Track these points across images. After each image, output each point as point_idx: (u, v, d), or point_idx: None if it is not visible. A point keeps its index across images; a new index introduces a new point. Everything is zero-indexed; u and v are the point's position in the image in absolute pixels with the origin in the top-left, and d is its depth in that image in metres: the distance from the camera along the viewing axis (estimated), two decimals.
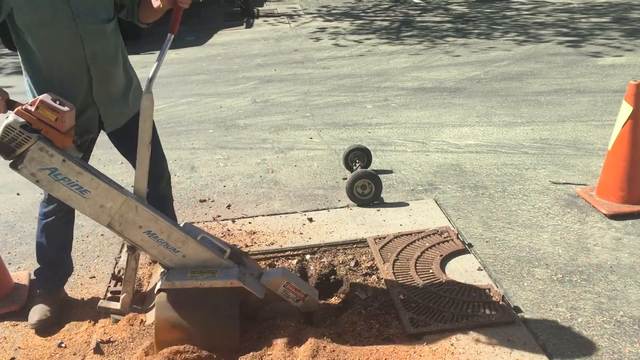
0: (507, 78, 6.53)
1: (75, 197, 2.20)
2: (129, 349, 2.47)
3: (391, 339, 2.47)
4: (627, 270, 2.91)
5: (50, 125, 2.12)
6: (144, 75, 2.42)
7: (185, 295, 2.28)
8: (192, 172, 4.48)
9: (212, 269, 2.33)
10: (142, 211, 2.25)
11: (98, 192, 2.20)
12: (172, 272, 2.31)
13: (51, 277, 2.81)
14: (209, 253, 2.33)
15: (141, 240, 2.28)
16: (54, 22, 2.25)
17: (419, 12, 11.15)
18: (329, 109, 5.82)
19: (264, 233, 3.45)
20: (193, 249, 2.31)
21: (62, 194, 2.19)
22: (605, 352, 2.38)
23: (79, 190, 2.18)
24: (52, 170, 2.14)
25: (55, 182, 2.16)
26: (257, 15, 11.89)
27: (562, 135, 4.77)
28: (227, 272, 2.32)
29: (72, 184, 2.17)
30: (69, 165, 2.15)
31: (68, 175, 2.16)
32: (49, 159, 2.12)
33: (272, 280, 2.42)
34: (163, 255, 2.31)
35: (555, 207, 3.59)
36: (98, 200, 2.21)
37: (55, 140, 2.14)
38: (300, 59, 8.07)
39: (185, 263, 2.32)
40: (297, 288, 2.44)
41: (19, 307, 2.86)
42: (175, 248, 2.29)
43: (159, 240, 2.28)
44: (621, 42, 7.83)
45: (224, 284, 2.28)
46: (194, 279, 2.28)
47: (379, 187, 3.73)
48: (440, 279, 2.86)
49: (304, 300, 2.47)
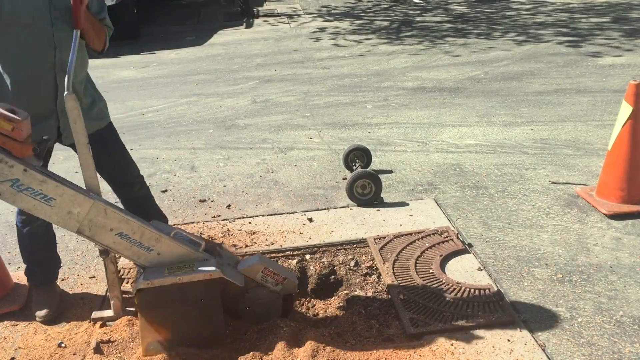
0: (507, 78, 6.53)
1: (40, 207, 2.12)
2: (129, 349, 2.47)
3: (391, 339, 2.47)
4: (627, 270, 2.91)
5: (6, 135, 2.03)
6: (143, 75, 2.42)
7: (165, 292, 2.27)
8: (192, 172, 4.48)
9: (189, 263, 2.31)
10: (111, 213, 2.20)
11: (64, 199, 2.13)
12: (149, 271, 2.29)
13: (43, 272, 2.86)
14: (183, 248, 2.31)
15: (113, 243, 2.24)
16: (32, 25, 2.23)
17: (418, 12, 11.15)
18: (328, 109, 5.82)
19: (264, 233, 3.45)
20: (167, 245, 2.28)
21: (27, 204, 2.12)
22: (605, 352, 2.38)
23: (43, 198, 2.11)
24: (14, 182, 2.06)
25: (18, 193, 2.08)
26: (257, 15, 11.88)
27: (562, 135, 4.77)
28: (205, 264, 2.31)
29: (36, 193, 2.10)
30: (31, 175, 2.07)
31: (31, 184, 2.08)
32: (9, 170, 2.05)
33: (250, 267, 2.42)
34: (137, 255, 2.28)
35: (555, 207, 3.59)
36: (65, 207, 2.14)
37: (14, 150, 2.06)
38: (300, 59, 8.07)
39: (161, 260, 2.30)
40: (275, 272, 2.45)
41: (19, 307, 2.86)
42: (149, 247, 2.26)
43: (131, 241, 2.24)
44: (621, 42, 7.83)
45: (203, 276, 2.27)
46: (172, 274, 2.26)
47: (379, 187, 3.73)
48: (440, 279, 2.86)
49: (283, 284, 2.48)
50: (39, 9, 2.23)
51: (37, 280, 2.86)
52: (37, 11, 2.23)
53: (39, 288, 2.86)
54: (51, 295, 2.85)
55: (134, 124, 5.67)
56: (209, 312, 2.35)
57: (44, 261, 2.85)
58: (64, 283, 3.08)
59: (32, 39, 2.25)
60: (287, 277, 2.49)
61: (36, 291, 2.86)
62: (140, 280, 2.27)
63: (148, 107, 6.24)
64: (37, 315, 2.76)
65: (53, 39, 2.28)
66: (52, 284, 2.89)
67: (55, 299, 2.84)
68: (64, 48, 2.30)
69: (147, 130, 5.50)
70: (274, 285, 2.47)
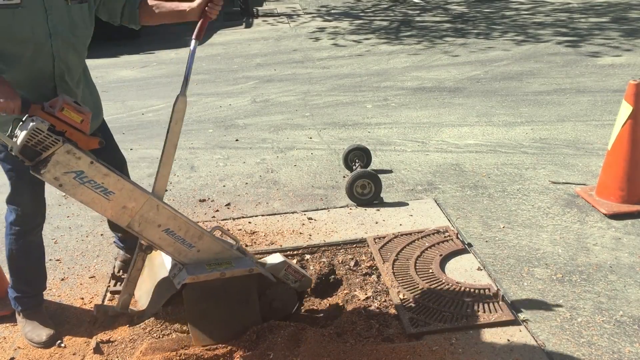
0: (507, 78, 6.54)
1: (98, 200, 2.14)
2: (128, 349, 2.47)
3: (391, 338, 2.47)
4: (627, 270, 2.91)
5: (74, 127, 2.05)
6: (143, 75, 2.42)
7: (208, 287, 2.33)
8: (191, 171, 4.47)
9: (226, 259, 2.38)
10: (162, 209, 2.24)
11: (122, 193, 2.16)
12: (191, 267, 2.34)
13: (33, 295, 2.71)
14: (222, 245, 2.38)
15: (159, 239, 2.28)
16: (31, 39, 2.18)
17: (418, 12, 11.15)
18: (328, 109, 5.81)
19: (263, 233, 3.45)
20: (208, 242, 2.34)
21: (86, 197, 2.13)
22: (605, 352, 2.38)
23: (103, 192, 2.13)
24: (78, 174, 2.07)
25: (80, 185, 2.09)
26: (256, 15, 11.88)
27: (562, 135, 4.77)
28: (241, 261, 2.39)
29: (98, 186, 2.11)
30: (96, 168, 2.09)
31: (94, 177, 2.10)
32: (76, 161, 2.05)
33: (275, 265, 2.54)
34: (179, 251, 2.32)
35: (555, 206, 3.59)
36: (121, 201, 2.17)
37: (80, 142, 2.07)
38: (300, 58, 8.07)
39: (200, 257, 2.35)
40: (295, 270, 2.59)
41: (10, 312, 2.78)
42: (191, 244, 2.32)
43: (176, 237, 2.29)
44: (620, 42, 7.83)
45: (244, 272, 2.36)
46: (215, 270, 2.33)
47: (379, 186, 3.73)
48: (440, 278, 2.86)
49: (301, 281, 2.60)
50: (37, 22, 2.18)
51: (27, 303, 2.69)
52: (36, 25, 2.18)
53: (28, 313, 2.69)
54: (43, 316, 2.70)
55: (134, 124, 5.67)
56: (248, 304, 2.45)
57: (34, 280, 2.70)
58: (64, 283, 3.08)
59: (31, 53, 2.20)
60: (305, 274, 2.62)
61: (25, 317, 2.69)
62: (184, 275, 2.30)
63: (148, 107, 6.24)
64: (38, 342, 2.59)
65: (52, 50, 2.23)
66: (42, 305, 2.75)
67: (48, 319, 2.70)
68: (62, 58, 2.27)
69: (146, 130, 5.50)
70: (293, 282, 2.58)
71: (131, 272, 2.42)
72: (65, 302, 2.92)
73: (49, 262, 3.25)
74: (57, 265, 3.25)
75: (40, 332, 2.62)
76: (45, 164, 2.03)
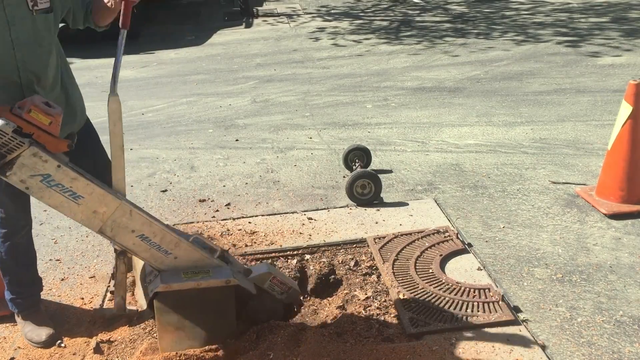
0: (507, 78, 6.54)
1: (67, 204, 2.09)
2: (128, 349, 2.47)
3: (391, 338, 2.47)
4: (627, 270, 2.91)
5: (43, 129, 1.99)
6: (143, 75, 2.41)
7: (182, 296, 2.27)
8: (191, 171, 4.47)
9: (204, 268, 2.32)
10: (136, 215, 2.18)
11: (92, 198, 2.10)
12: (166, 274, 2.27)
13: (29, 295, 2.69)
14: (199, 253, 2.31)
15: (133, 245, 2.22)
16: None
17: (418, 12, 11.15)
18: (328, 109, 5.81)
19: (263, 233, 3.45)
20: (185, 250, 2.28)
21: (54, 200, 2.08)
22: (605, 352, 2.38)
23: (72, 196, 2.07)
24: (45, 177, 2.02)
25: (47, 189, 2.04)
26: (256, 15, 11.88)
27: (562, 135, 4.77)
28: (220, 271, 2.32)
29: (66, 190, 2.06)
30: (64, 171, 2.04)
31: (62, 181, 2.04)
32: (43, 165, 2.00)
33: (259, 275, 2.45)
34: (154, 258, 2.26)
35: (555, 206, 3.59)
36: (91, 205, 2.11)
37: (48, 145, 2.01)
38: (300, 58, 8.07)
39: (177, 265, 2.29)
40: (282, 281, 2.49)
41: (10, 312, 2.76)
42: (167, 250, 2.25)
43: (151, 244, 2.23)
44: (620, 42, 7.83)
45: (220, 282, 2.28)
46: (190, 279, 2.26)
47: (379, 186, 3.73)
48: (440, 278, 2.86)
49: (288, 293, 2.52)
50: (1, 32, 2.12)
51: (23, 305, 2.67)
52: None
53: (26, 313, 2.67)
54: (42, 315, 2.69)
55: (134, 124, 5.67)
56: (223, 316, 2.38)
57: (26, 283, 2.66)
58: (64, 283, 3.08)
59: None
60: (292, 286, 2.54)
61: (24, 317, 2.67)
62: (158, 283, 2.25)
63: (148, 107, 6.24)
64: (38, 342, 2.58)
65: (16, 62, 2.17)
66: (39, 305, 2.73)
67: (47, 319, 2.69)
68: (28, 69, 2.21)
69: (146, 130, 5.50)
70: (279, 294, 2.50)
71: (117, 277, 2.40)
72: (65, 302, 2.92)
73: (48, 262, 3.26)
74: (57, 265, 3.25)
75: (40, 332, 2.61)
76: (10, 166, 1.98)
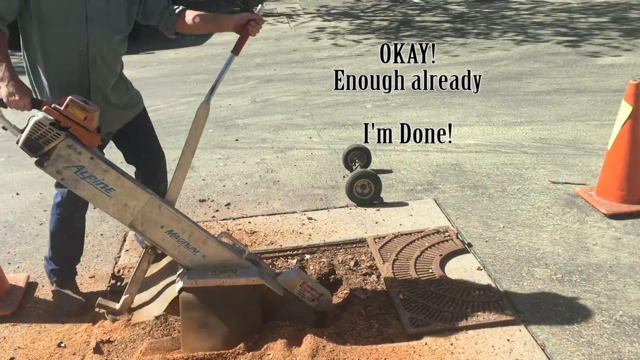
0: (507, 78, 6.54)
1: (99, 196, 2.20)
2: (128, 349, 2.47)
3: (391, 338, 2.47)
4: (627, 269, 2.91)
5: (78, 123, 2.14)
6: (143, 75, 2.43)
7: (207, 293, 2.31)
8: (191, 171, 4.47)
9: (232, 268, 2.36)
10: (164, 210, 2.26)
11: (123, 191, 2.20)
12: (193, 272, 2.33)
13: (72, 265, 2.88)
14: (228, 253, 2.35)
15: (162, 240, 2.28)
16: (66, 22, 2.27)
17: (417, 11, 11.15)
18: (328, 109, 5.81)
19: (263, 233, 3.45)
20: (213, 248, 2.33)
21: (87, 192, 2.19)
22: (605, 352, 2.38)
23: (104, 188, 2.19)
24: (79, 168, 2.14)
25: (81, 180, 2.16)
26: None
27: (562, 134, 4.77)
28: (247, 271, 2.36)
29: (98, 182, 2.17)
30: (96, 163, 2.15)
31: (94, 173, 2.16)
32: (77, 156, 2.13)
33: (289, 279, 2.47)
34: (183, 255, 2.31)
35: (555, 206, 3.59)
36: (122, 199, 2.21)
37: (83, 138, 2.16)
38: (300, 58, 8.07)
39: (205, 263, 2.34)
40: (312, 288, 2.50)
41: (10, 312, 2.80)
42: (195, 248, 2.31)
43: (180, 240, 2.29)
44: (620, 41, 7.83)
45: (246, 281, 2.32)
46: (215, 277, 2.31)
47: (379, 186, 3.73)
48: (440, 278, 2.86)
49: (319, 300, 2.52)
50: (75, 7, 2.27)
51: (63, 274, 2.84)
52: (73, 9, 2.27)
53: (65, 283, 2.84)
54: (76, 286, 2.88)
55: None
56: (248, 316, 2.39)
57: (73, 255, 2.85)
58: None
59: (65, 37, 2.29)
60: (323, 293, 2.53)
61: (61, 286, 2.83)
62: (184, 279, 2.29)
63: (147, 107, 6.18)
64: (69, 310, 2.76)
65: (87, 36, 2.31)
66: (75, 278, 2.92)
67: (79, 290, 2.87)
68: (97, 45, 2.35)
69: None
70: (310, 301, 2.51)
71: (136, 273, 2.43)
72: None
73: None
74: None
75: (72, 301, 2.78)
76: (47, 157, 2.13)
